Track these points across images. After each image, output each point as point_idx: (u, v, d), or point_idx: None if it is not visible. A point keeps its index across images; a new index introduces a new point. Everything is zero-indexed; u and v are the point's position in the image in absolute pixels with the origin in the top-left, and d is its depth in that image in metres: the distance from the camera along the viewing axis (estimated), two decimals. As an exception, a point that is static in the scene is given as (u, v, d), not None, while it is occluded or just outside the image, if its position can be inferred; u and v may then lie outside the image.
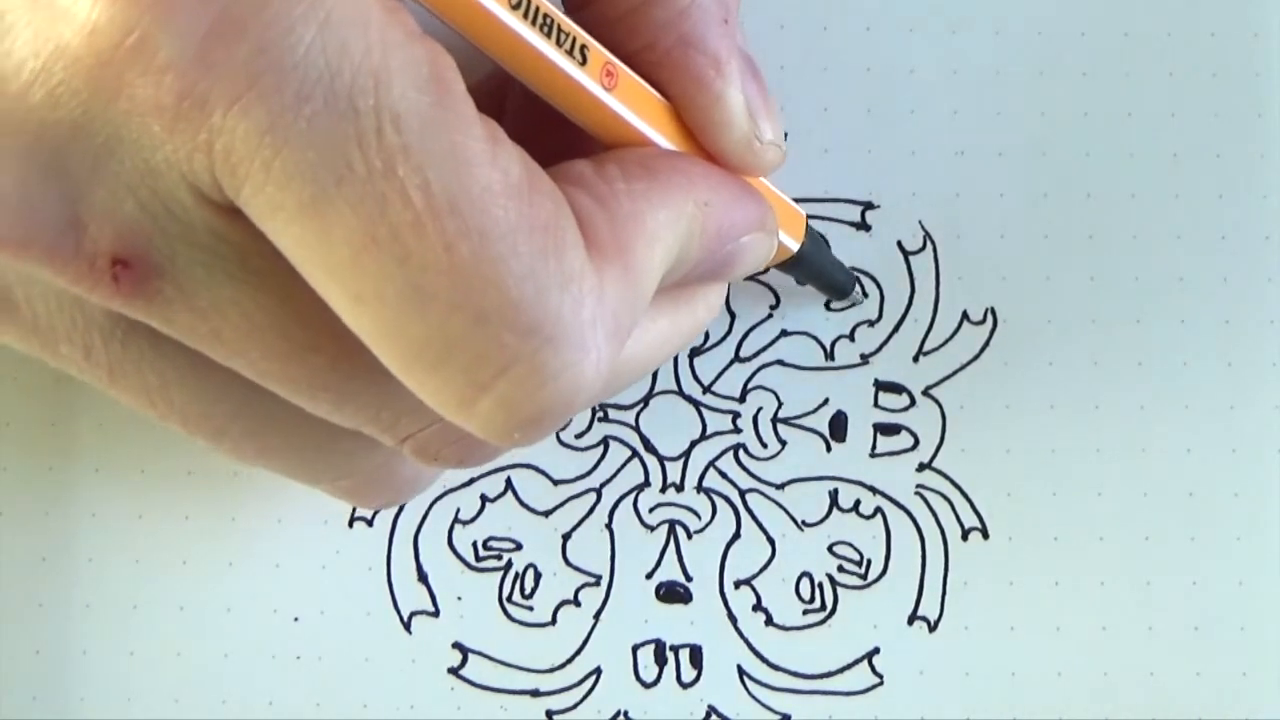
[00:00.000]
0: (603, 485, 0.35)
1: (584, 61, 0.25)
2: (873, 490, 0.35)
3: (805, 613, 0.34)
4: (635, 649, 0.34)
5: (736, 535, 0.34)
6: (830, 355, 0.35)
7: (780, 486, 0.35)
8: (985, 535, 0.34)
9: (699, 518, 0.35)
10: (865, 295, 0.35)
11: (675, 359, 0.35)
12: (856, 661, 0.34)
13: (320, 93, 0.21)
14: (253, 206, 0.21)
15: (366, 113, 0.21)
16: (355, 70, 0.21)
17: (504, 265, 0.22)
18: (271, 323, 0.23)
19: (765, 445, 0.35)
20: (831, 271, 0.33)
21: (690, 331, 0.30)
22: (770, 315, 0.35)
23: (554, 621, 0.34)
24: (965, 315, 0.35)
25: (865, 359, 0.35)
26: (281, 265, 0.22)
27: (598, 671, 0.34)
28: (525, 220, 0.22)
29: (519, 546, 0.35)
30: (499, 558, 0.34)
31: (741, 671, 0.34)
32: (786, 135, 0.35)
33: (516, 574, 0.34)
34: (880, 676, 0.34)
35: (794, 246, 0.31)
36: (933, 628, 0.34)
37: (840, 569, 0.34)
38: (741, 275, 0.29)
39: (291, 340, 0.23)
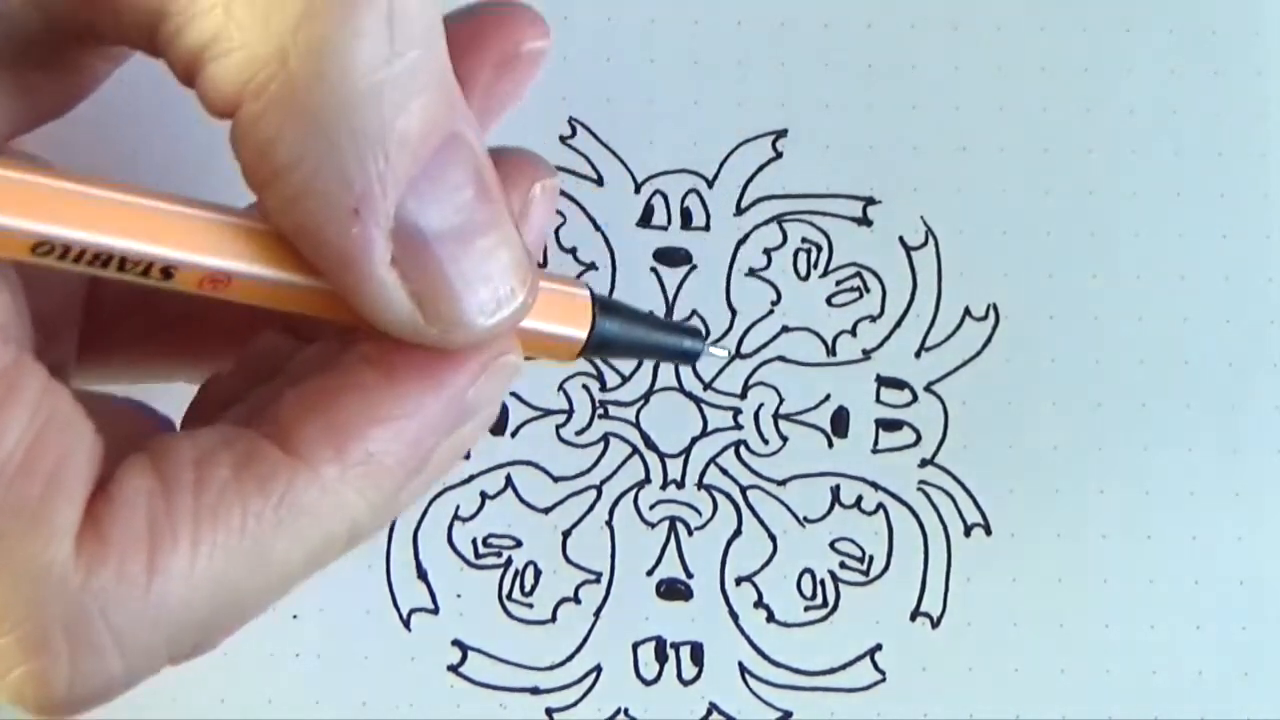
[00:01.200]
0: (603, 482, 0.35)
1: (168, 277, 0.23)
2: (875, 486, 0.35)
3: (807, 609, 0.34)
4: (636, 646, 0.34)
5: (738, 532, 0.34)
6: (832, 351, 0.35)
7: (782, 483, 0.34)
8: (988, 531, 0.34)
9: (700, 514, 0.34)
10: (725, 354, 0.33)
11: (676, 356, 0.35)
12: (859, 658, 0.34)
13: None
14: None
15: None
16: None
17: None
18: None
19: (766, 441, 0.35)
20: (656, 344, 0.29)
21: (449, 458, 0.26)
22: (771, 311, 0.35)
23: (554, 619, 0.34)
24: (967, 311, 0.35)
25: (867, 354, 0.35)
26: None
27: (598, 669, 0.34)
28: None
29: (519, 544, 0.34)
30: (499, 555, 0.34)
31: (743, 668, 0.34)
32: (783, 133, 0.35)
33: (516, 571, 0.34)
34: (882, 673, 0.34)
35: (568, 353, 0.27)
36: (935, 624, 0.34)
37: (842, 565, 0.34)
38: (491, 414, 0.26)
39: None
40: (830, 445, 0.35)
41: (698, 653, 0.34)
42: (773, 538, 0.34)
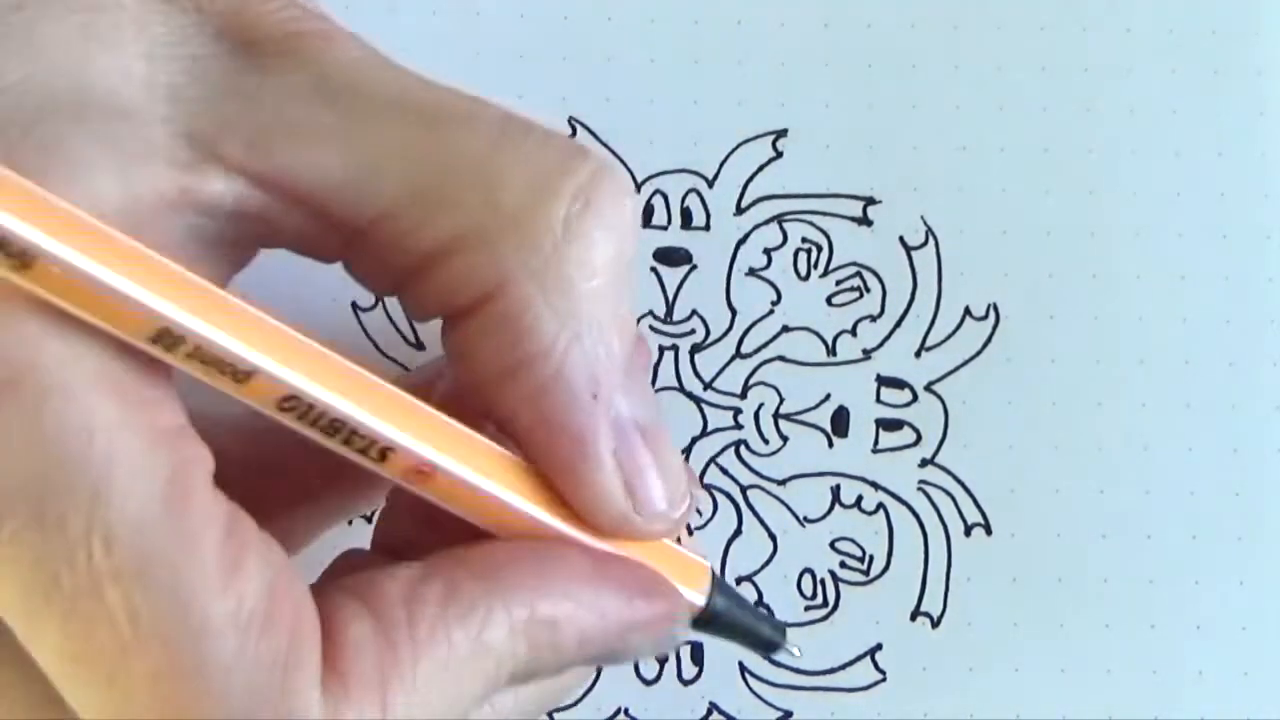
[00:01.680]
0: (603, 482, 0.35)
1: (382, 459, 0.24)
2: (875, 486, 0.34)
3: (807, 609, 0.34)
4: (636, 646, 0.34)
5: (738, 532, 0.34)
6: (832, 351, 0.35)
7: (782, 483, 0.34)
8: (988, 531, 0.34)
9: (700, 514, 0.34)
10: (798, 654, 0.32)
11: (676, 356, 0.35)
12: (859, 658, 0.34)
13: (25, 509, 0.21)
14: None
15: (77, 532, 0.21)
16: (69, 485, 0.21)
17: (215, 705, 0.21)
18: (20, 697, 0.23)
19: (766, 441, 0.35)
20: (746, 628, 0.29)
21: (542, 705, 0.27)
22: (771, 311, 0.35)
23: (554, 619, 0.34)
24: (967, 311, 0.35)
25: (867, 354, 0.35)
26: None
27: (597, 669, 0.34)
28: (247, 658, 0.22)
29: (519, 544, 0.34)
30: (499, 555, 0.34)
31: (743, 668, 0.34)
32: (783, 132, 0.35)
33: (516, 571, 0.34)
34: (883, 673, 0.34)
35: (694, 609, 0.28)
36: (935, 624, 0.34)
37: (842, 565, 0.34)
38: (638, 659, 0.28)
39: (45, 715, 0.23)
40: (830, 445, 0.35)
41: (698, 652, 0.34)
42: (773, 537, 0.34)
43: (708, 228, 0.35)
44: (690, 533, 0.29)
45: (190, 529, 0.21)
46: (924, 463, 0.35)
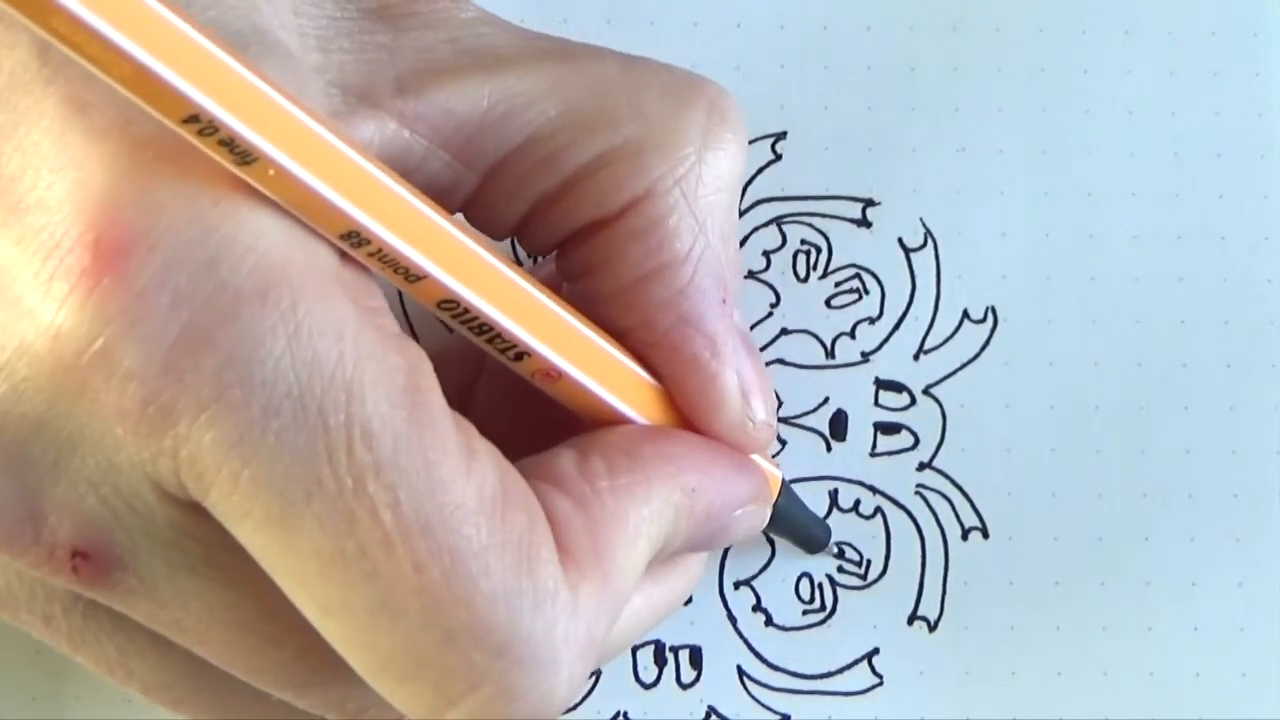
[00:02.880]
0: (601, 484, 0.35)
1: (518, 360, 0.26)
2: (873, 490, 0.34)
3: (805, 613, 0.34)
4: (634, 650, 0.34)
5: (736, 535, 0.34)
6: (830, 353, 0.35)
7: (780, 486, 0.34)
8: (985, 535, 0.34)
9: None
10: (839, 553, 0.34)
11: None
12: (856, 662, 0.34)
13: (289, 406, 0.21)
14: (219, 511, 0.22)
15: (337, 428, 0.21)
16: (326, 384, 0.21)
17: (474, 586, 0.22)
18: (234, 617, 0.23)
19: (765, 444, 0.35)
20: (805, 527, 0.33)
21: (668, 606, 0.29)
22: (770, 313, 0.35)
23: (552, 621, 0.34)
24: (966, 314, 0.35)
25: (866, 357, 0.35)
26: (246, 561, 0.22)
27: (597, 672, 0.34)
28: (497, 538, 0.22)
29: (517, 546, 0.34)
30: (497, 557, 0.34)
31: (741, 672, 0.34)
32: (782, 135, 0.35)
33: (515, 573, 0.34)
34: (880, 677, 0.34)
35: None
36: (932, 628, 0.34)
37: (840, 569, 0.34)
38: (730, 544, 0.30)
39: (255, 634, 0.23)
40: (828, 449, 0.35)
41: (696, 656, 0.34)
42: (771, 541, 0.34)
43: (706, 229, 0.35)
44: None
45: (432, 420, 0.22)
46: (921, 466, 0.34)
